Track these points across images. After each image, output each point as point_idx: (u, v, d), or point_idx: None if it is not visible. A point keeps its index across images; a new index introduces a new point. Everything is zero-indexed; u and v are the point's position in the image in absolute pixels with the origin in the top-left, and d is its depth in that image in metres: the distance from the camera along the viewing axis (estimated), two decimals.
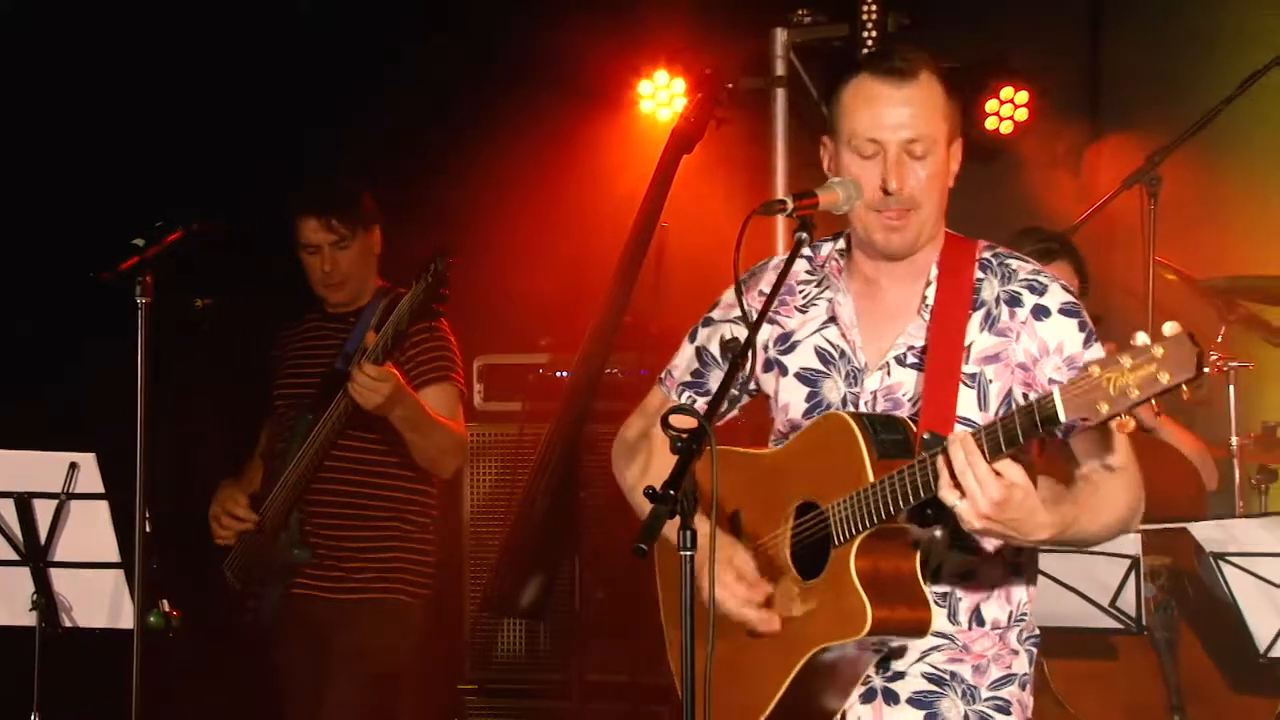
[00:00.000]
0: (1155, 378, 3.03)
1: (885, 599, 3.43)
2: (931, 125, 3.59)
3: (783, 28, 7.51)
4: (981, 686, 3.61)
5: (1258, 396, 6.88)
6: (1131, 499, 3.53)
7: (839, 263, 3.75)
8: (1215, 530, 4.87)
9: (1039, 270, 3.64)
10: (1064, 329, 3.56)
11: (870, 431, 3.49)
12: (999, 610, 3.64)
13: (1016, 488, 3.25)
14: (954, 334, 3.57)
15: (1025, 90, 7.45)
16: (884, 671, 3.62)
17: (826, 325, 3.73)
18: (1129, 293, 6.80)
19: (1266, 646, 4.85)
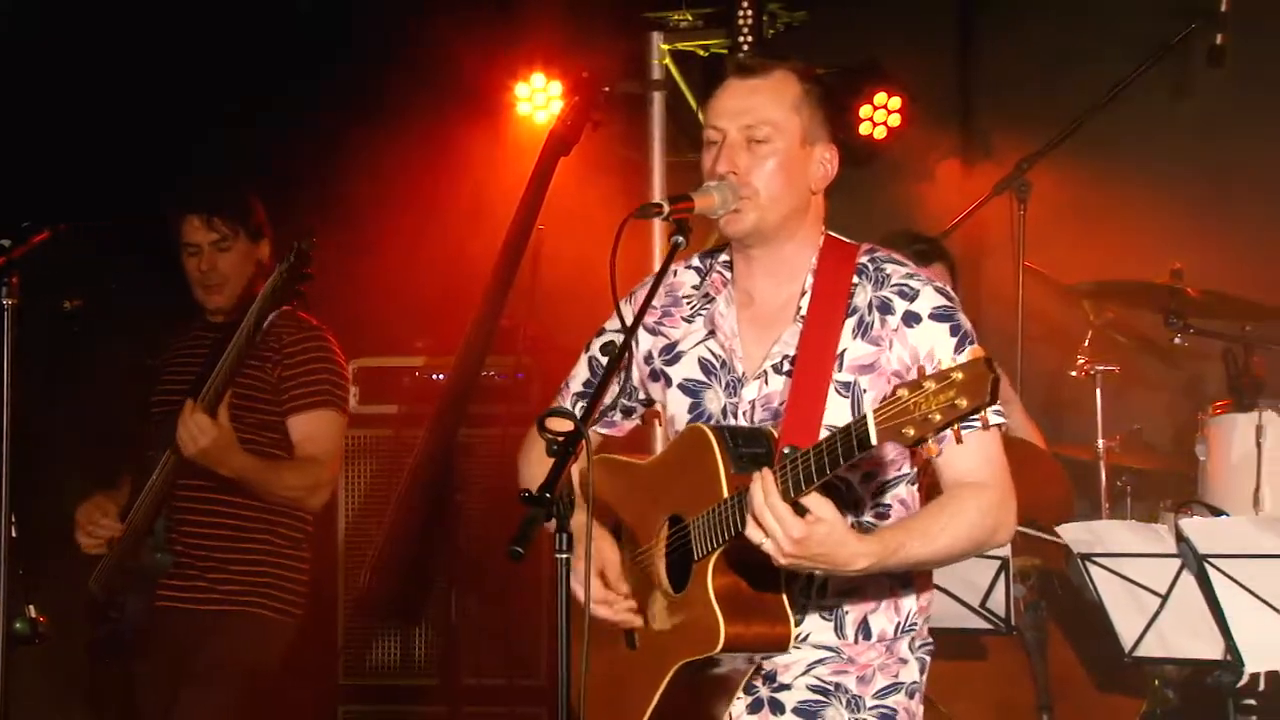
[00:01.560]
0: (954, 403, 3.04)
1: (742, 615, 3.43)
2: (776, 114, 3.60)
3: (660, 32, 7.52)
4: (866, 695, 3.62)
5: (1124, 400, 6.99)
6: (987, 518, 3.49)
7: (724, 274, 3.76)
8: (1082, 532, 4.94)
9: (914, 274, 3.62)
10: (935, 335, 3.54)
11: (729, 445, 3.48)
12: (887, 622, 3.65)
13: (821, 524, 3.26)
14: (825, 342, 3.57)
15: (898, 96, 7.52)
16: (771, 683, 3.63)
17: (709, 336, 3.73)
18: (999, 298, 6.89)
19: (1131, 646, 4.92)
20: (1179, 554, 4.73)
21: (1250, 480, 5.86)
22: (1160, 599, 4.81)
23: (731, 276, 3.75)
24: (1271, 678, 5.34)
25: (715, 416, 3.67)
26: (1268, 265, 7.14)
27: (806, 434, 3.47)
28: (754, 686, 3.63)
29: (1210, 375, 6.94)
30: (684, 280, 3.81)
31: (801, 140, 3.63)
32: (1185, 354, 6.78)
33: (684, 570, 3.55)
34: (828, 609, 3.60)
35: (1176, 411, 7.42)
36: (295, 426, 5.58)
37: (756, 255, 3.68)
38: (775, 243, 3.65)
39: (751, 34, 7.20)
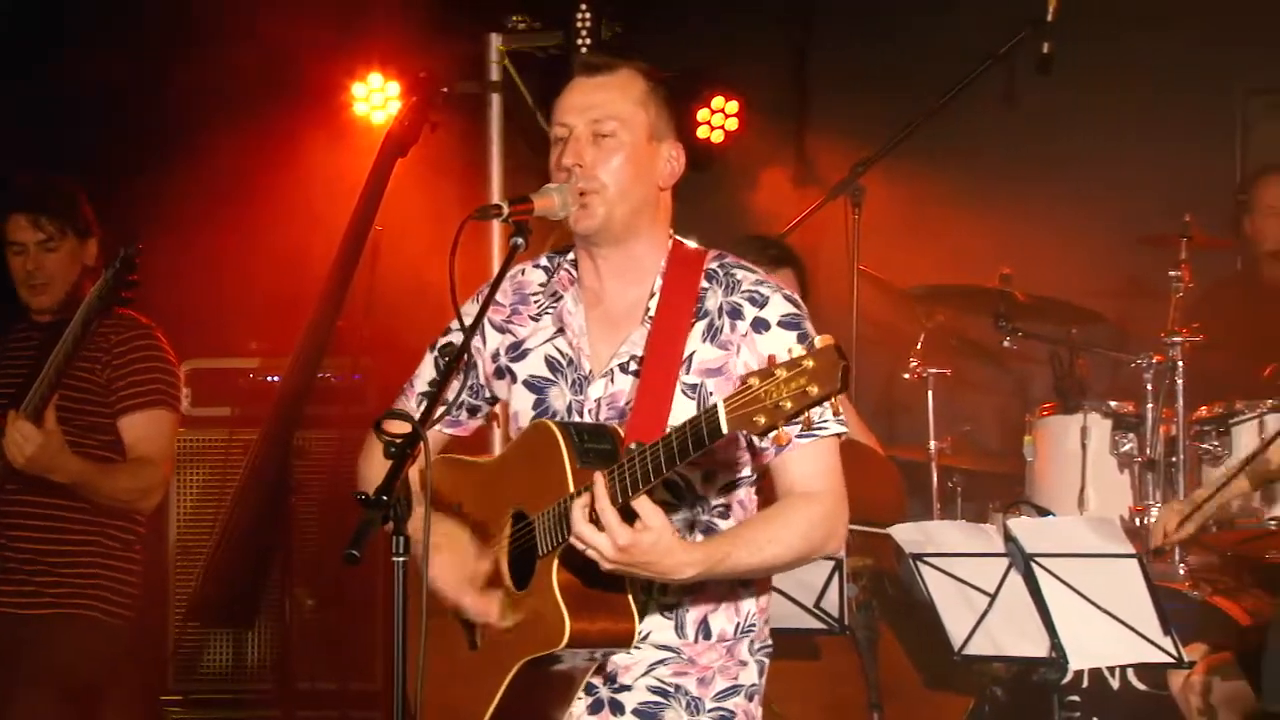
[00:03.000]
0: (805, 390, 3.05)
1: (587, 611, 3.42)
2: (622, 109, 3.61)
3: (498, 33, 7.51)
4: (706, 698, 3.63)
5: (955, 402, 7.11)
6: (816, 529, 3.51)
7: (571, 272, 3.75)
8: (914, 532, 5.00)
9: (763, 281, 3.64)
10: (783, 342, 3.53)
11: (575, 441, 3.48)
12: (727, 622, 3.65)
13: (648, 532, 3.29)
14: (673, 343, 3.58)
15: (735, 100, 7.57)
16: (611, 684, 3.63)
17: (557, 334, 3.72)
18: (834, 301, 6.96)
19: (961, 644, 4.99)
20: (1007, 554, 4.80)
21: (1075, 480, 5.99)
22: (989, 598, 4.88)
23: (578, 275, 3.75)
24: (1095, 674, 5.46)
25: (560, 414, 3.66)
26: (1094, 270, 7.31)
27: (652, 433, 3.46)
28: (594, 686, 3.62)
29: (1037, 378, 7.09)
30: (531, 279, 3.80)
31: (648, 136, 3.64)
32: (1014, 357, 6.92)
33: (527, 566, 3.54)
34: (668, 608, 3.61)
35: (1005, 413, 7.57)
36: (126, 428, 5.48)
37: (604, 255, 3.68)
38: (623, 241, 3.66)
39: (590, 36, 7.21)
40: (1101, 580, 4.74)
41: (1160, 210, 6.67)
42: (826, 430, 3.49)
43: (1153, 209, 6.93)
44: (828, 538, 3.54)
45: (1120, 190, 7.42)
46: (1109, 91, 7.48)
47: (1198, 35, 7.34)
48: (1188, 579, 5.64)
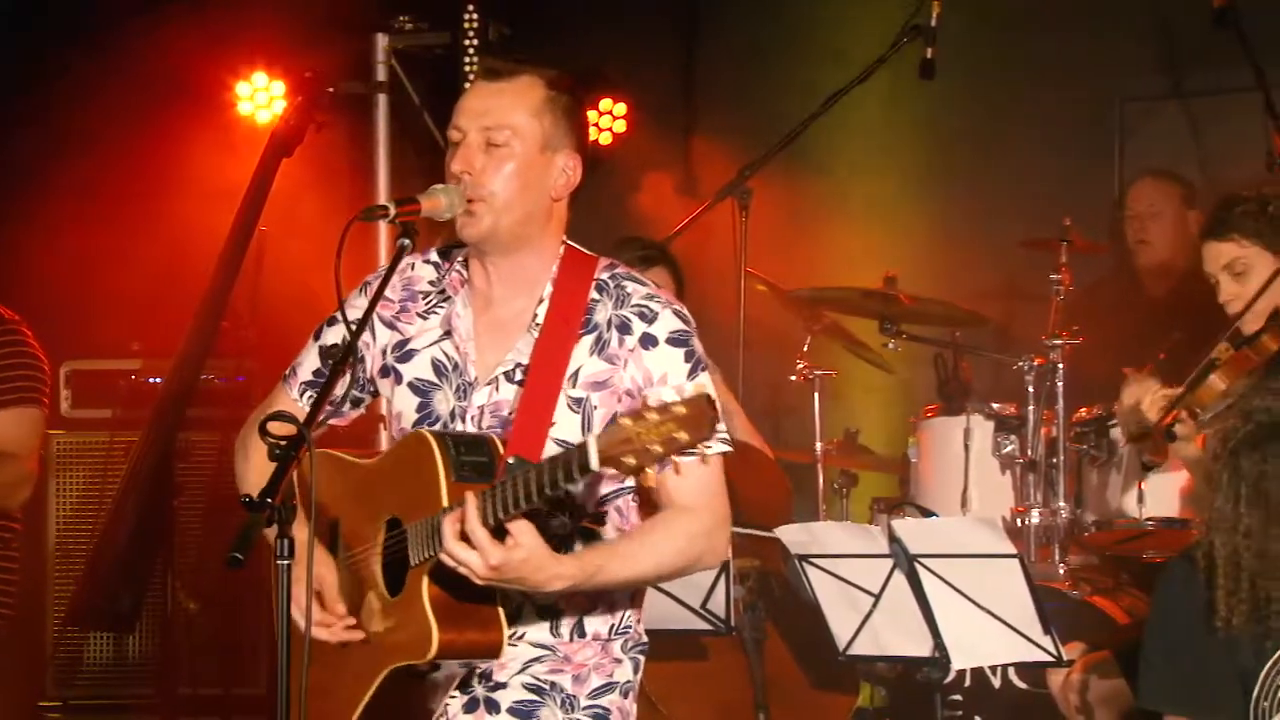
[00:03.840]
0: (674, 436, 3.08)
1: (455, 622, 3.42)
2: (516, 119, 3.58)
3: (384, 33, 7.47)
4: (581, 695, 3.63)
5: (840, 404, 7.16)
6: (694, 544, 3.51)
7: (461, 274, 3.73)
8: (800, 533, 5.03)
9: (654, 295, 3.62)
10: (670, 359, 3.55)
11: (452, 453, 3.45)
12: (602, 624, 3.65)
13: (518, 549, 3.29)
14: (559, 355, 3.56)
15: (623, 102, 7.59)
16: (486, 682, 3.61)
17: (444, 337, 3.70)
18: (721, 304, 6.99)
19: (846, 645, 5.02)
20: (891, 554, 4.84)
21: (958, 481, 6.05)
22: (873, 598, 4.91)
23: (469, 276, 3.73)
24: (977, 673, 5.52)
25: (443, 419, 3.65)
26: (977, 273, 7.40)
27: (533, 445, 3.48)
28: (469, 685, 3.62)
29: (921, 380, 7.14)
30: (421, 275, 3.77)
31: (541, 147, 3.61)
32: (898, 359, 6.97)
33: (401, 574, 3.52)
34: (545, 608, 3.61)
35: (890, 415, 7.63)
36: None
37: (494, 262, 3.66)
38: (512, 251, 3.63)
39: (477, 37, 7.19)
40: (983, 580, 4.79)
41: (1041, 215, 6.74)
42: (710, 449, 3.46)
43: (1033, 213, 7.01)
44: (704, 553, 3.55)
45: (1002, 195, 7.51)
46: (991, 97, 7.57)
47: (1077, 43, 7.45)
48: (1067, 579, 5.72)
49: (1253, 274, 5.08)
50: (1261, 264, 5.08)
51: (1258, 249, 5.08)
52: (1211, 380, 4.90)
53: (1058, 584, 5.64)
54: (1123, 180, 7.57)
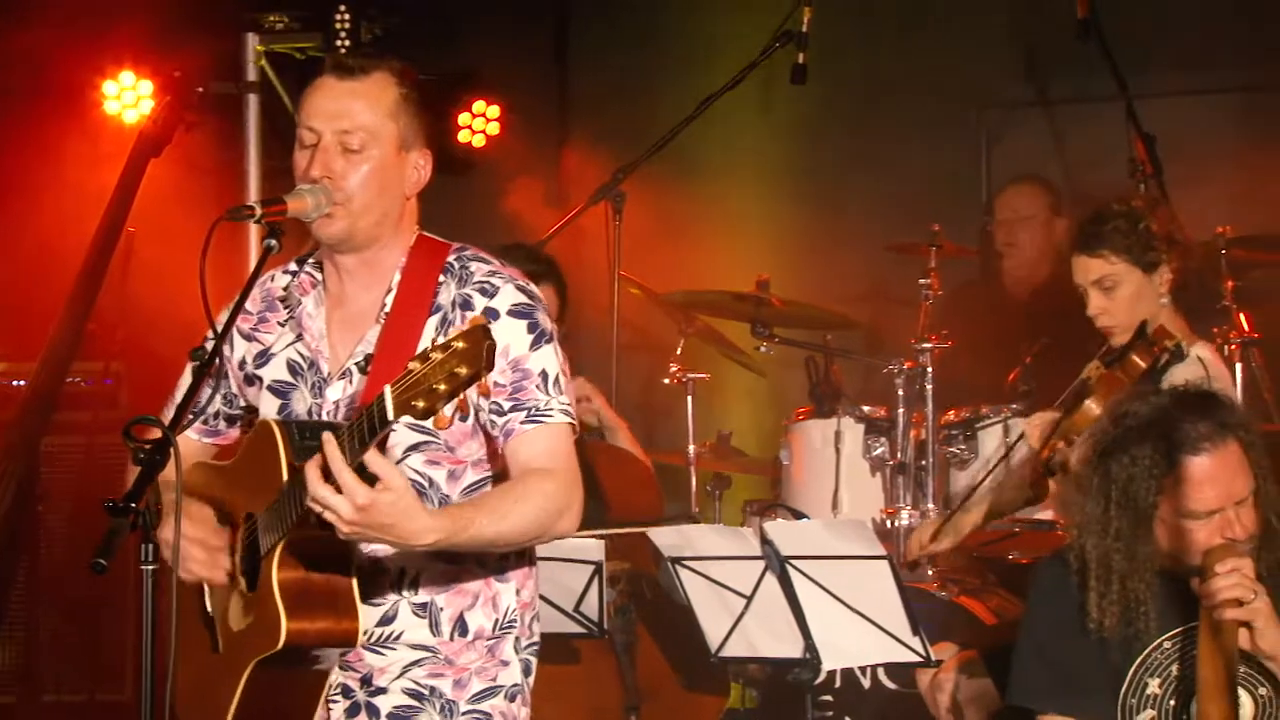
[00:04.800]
0: (455, 371, 3.06)
1: (307, 610, 3.38)
2: (372, 121, 3.56)
3: (254, 33, 7.40)
4: (460, 701, 3.59)
5: (713, 407, 7.19)
6: (553, 501, 3.48)
7: (313, 275, 3.72)
8: (672, 535, 5.04)
9: (497, 271, 3.61)
10: (512, 331, 3.54)
11: (293, 437, 3.43)
12: (485, 619, 3.62)
13: (388, 492, 3.22)
14: (405, 339, 3.54)
15: (496, 104, 7.58)
16: (367, 686, 3.59)
17: (297, 339, 3.69)
18: (595, 307, 7.00)
19: (718, 646, 5.03)
20: (763, 556, 4.86)
21: (829, 484, 6.09)
22: (745, 600, 4.93)
23: (321, 278, 3.71)
24: (847, 674, 5.56)
25: (300, 417, 3.63)
26: (848, 277, 7.46)
27: None
28: (351, 690, 3.59)
29: (793, 382, 7.19)
30: (279, 285, 3.77)
31: (397, 147, 3.60)
32: (770, 362, 7.02)
33: (255, 566, 3.50)
34: (421, 605, 3.58)
35: (762, 418, 7.68)
36: None
37: (346, 259, 3.65)
38: (365, 249, 3.63)
39: (349, 38, 7.15)
40: (853, 581, 4.83)
41: (910, 219, 6.82)
42: (552, 417, 3.49)
43: (903, 217, 7.08)
44: (562, 513, 3.49)
45: (871, 199, 7.59)
46: (861, 103, 7.64)
47: (945, 50, 7.53)
48: (935, 580, 5.77)
49: (1121, 289, 5.16)
50: (1130, 280, 5.16)
51: (1127, 265, 5.16)
52: (1087, 406, 4.98)
53: (926, 585, 5.69)
54: (989, 186, 7.67)
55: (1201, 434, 3.87)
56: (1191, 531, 3.89)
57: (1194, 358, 5.07)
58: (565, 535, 3.54)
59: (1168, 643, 4.00)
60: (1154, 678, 4.02)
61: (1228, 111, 7.36)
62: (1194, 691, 3.93)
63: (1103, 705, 4.03)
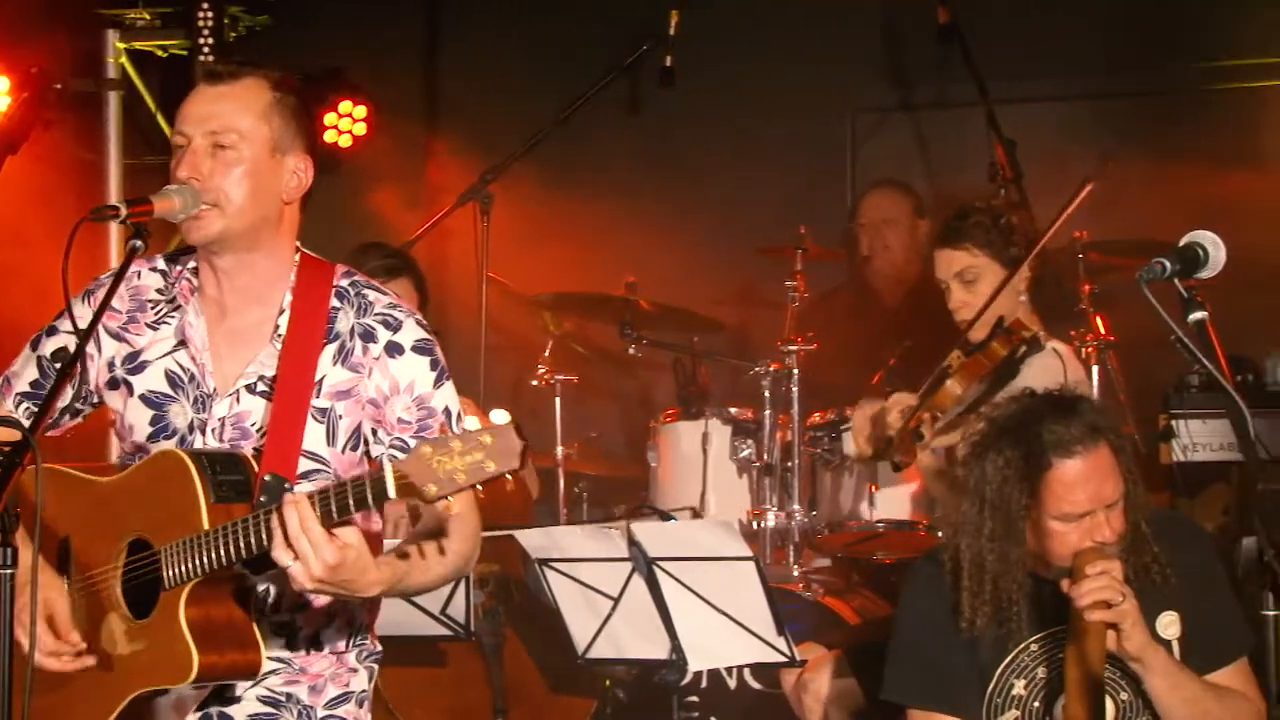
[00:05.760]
0: (482, 466, 3.07)
1: (214, 645, 3.37)
2: (242, 122, 3.53)
3: (116, 30, 7.30)
4: (318, 706, 3.60)
5: (581, 409, 7.20)
6: (468, 547, 3.53)
7: (192, 281, 3.65)
8: (540, 537, 5.03)
9: (396, 304, 3.61)
10: (416, 368, 3.54)
11: (209, 473, 3.39)
12: (339, 636, 3.64)
13: (350, 549, 3.25)
14: (305, 367, 3.53)
15: (364, 105, 7.53)
16: (221, 698, 3.56)
17: (178, 348, 3.62)
18: (462, 308, 6.98)
19: (585, 648, 5.04)
20: (630, 558, 4.88)
21: (697, 485, 6.12)
22: (613, 602, 4.94)
23: (200, 284, 3.65)
24: (713, 675, 5.59)
25: (181, 431, 3.57)
26: (715, 280, 7.49)
27: (286, 460, 3.44)
28: (204, 703, 3.55)
29: (661, 384, 7.22)
30: (148, 284, 3.69)
31: (271, 149, 3.56)
32: (639, 364, 7.04)
33: (146, 597, 3.44)
34: (280, 624, 3.58)
35: (630, 419, 7.70)
36: None
37: (225, 266, 3.59)
38: (244, 254, 3.58)
39: (212, 36, 7.07)
40: (720, 582, 4.85)
41: (777, 222, 6.86)
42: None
43: (770, 220, 7.13)
44: (472, 557, 3.58)
45: (739, 202, 7.63)
46: (729, 106, 7.68)
47: (811, 54, 7.59)
48: (801, 580, 5.82)
49: (982, 282, 5.26)
50: (991, 273, 5.26)
51: (988, 259, 5.25)
52: (948, 386, 5.06)
53: (792, 585, 5.74)
54: (855, 189, 7.74)
55: (1073, 437, 3.93)
56: (1062, 534, 3.95)
57: (1050, 350, 5.18)
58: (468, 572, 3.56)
59: (1035, 644, 4.07)
60: (1020, 679, 4.09)
61: (1087, 118, 7.49)
62: (1058, 693, 4.01)
63: (973, 702, 4.09)
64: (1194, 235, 3.49)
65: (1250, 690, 4.02)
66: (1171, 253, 3.47)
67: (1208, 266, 3.47)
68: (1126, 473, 3.99)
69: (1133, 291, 3.45)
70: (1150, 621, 3.94)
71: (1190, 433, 5.76)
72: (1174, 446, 5.77)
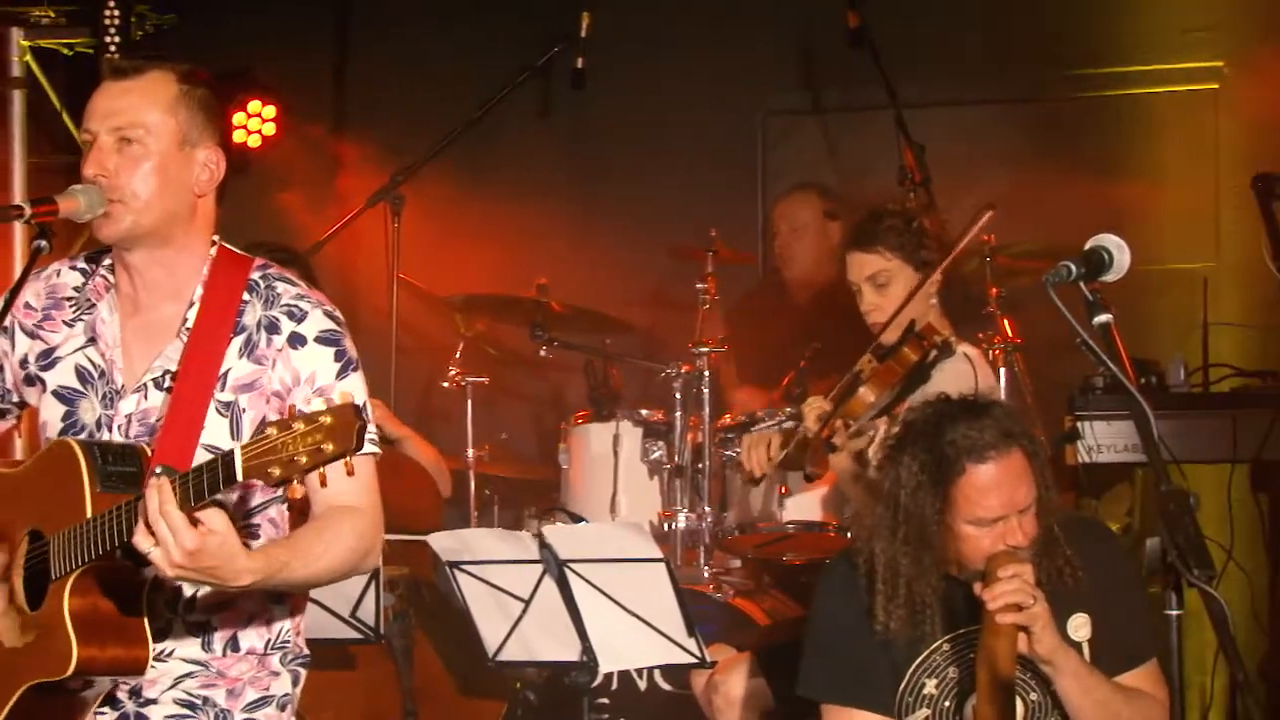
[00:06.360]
0: (321, 447, 3.05)
1: (98, 638, 3.33)
2: (148, 116, 3.50)
3: (20, 28, 7.21)
4: (235, 710, 3.56)
5: (493, 410, 7.19)
6: (363, 542, 3.50)
7: (108, 278, 3.62)
8: (450, 540, 5.02)
9: (305, 295, 3.58)
10: (318, 358, 3.52)
11: (98, 462, 3.36)
12: (258, 639, 3.60)
13: (214, 535, 3.21)
14: (209, 359, 3.50)
15: (273, 105, 7.49)
16: (137, 698, 3.53)
17: (89, 344, 3.59)
18: (373, 309, 6.95)
19: (495, 650, 5.03)
20: (541, 560, 4.87)
21: (608, 487, 6.12)
22: (523, 604, 4.94)
23: (115, 282, 3.62)
24: (623, 676, 5.60)
25: (89, 428, 3.55)
26: (626, 281, 7.50)
27: (182, 454, 3.40)
28: (119, 701, 3.53)
29: (573, 386, 7.22)
30: (67, 281, 3.66)
31: (179, 143, 3.53)
32: (550, 366, 7.03)
33: (41, 588, 3.42)
34: (196, 625, 3.54)
35: (541, 421, 7.71)
36: None
37: (138, 262, 3.57)
38: (156, 250, 3.55)
39: (118, 34, 7.00)
40: (631, 584, 4.86)
41: (688, 224, 6.89)
42: (362, 449, 3.48)
43: (682, 223, 7.15)
44: (369, 551, 3.53)
45: (651, 204, 7.64)
46: (640, 108, 7.69)
47: (723, 57, 7.62)
48: (711, 581, 5.84)
49: (894, 285, 5.28)
50: (903, 277, 5.29)
51: (900, 262, 5.28)
52: (861, 393, 5.08)
53: (702, 587, 5.76)
54: (765, 192, 7.77)
55: (987, 442, 3.96)
56: (975, 538, 3.98)
57: (961, 355, 5.21)
58: (369, 571, 3.54)
59: (947, 645, 4.10)
60: (931, 678, 4.12)
61: (994, 121, 7.56)
62: (969, 693, 4.04)
63: (887, 699, 4.12)
64: (1099, 239, 3.54)
65: (1159, 692, 4.07)
66: (1077, 256, 3.51)
67: (1112, 270, 3.51)
68: (1039, 478, 4.02)
69: (1039, 295, 3.49)
70: (1061, 624, 3.99)
71: (1095, 434, 5.84)
72: (1079, 448, 5.85)
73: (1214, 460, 5.91)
